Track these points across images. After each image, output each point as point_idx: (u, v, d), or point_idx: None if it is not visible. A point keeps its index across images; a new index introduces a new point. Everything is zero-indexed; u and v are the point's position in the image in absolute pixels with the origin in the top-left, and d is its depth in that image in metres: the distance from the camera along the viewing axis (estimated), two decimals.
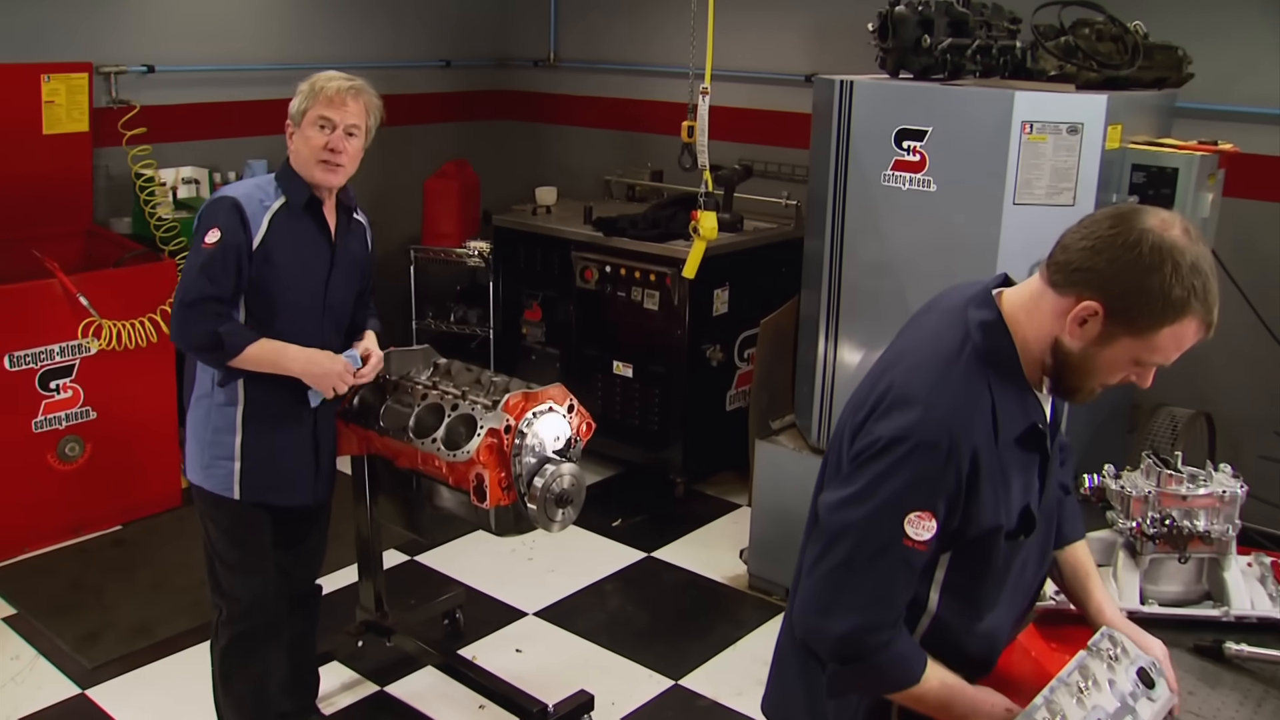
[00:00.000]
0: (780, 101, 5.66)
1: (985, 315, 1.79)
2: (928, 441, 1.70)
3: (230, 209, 2.85)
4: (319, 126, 2.89)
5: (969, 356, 1.76)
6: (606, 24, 6.40)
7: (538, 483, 3.00)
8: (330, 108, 2.88)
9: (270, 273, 2.88)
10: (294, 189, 2.93)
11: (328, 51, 5.89)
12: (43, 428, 4.51)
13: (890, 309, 3.82)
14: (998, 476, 1.75)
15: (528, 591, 4.37)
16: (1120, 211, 1.70)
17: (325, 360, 2.95)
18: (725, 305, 5.10)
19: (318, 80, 2.92)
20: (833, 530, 1.78)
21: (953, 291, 1.92)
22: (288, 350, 2.90)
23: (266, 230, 2.87)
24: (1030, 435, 1.80)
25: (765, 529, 4.36)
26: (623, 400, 5.29)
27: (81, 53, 4.90)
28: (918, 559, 1.75)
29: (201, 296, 2.82)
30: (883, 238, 3.82)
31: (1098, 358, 1.72)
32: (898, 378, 1.78)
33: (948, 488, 1.71)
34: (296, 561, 3.25)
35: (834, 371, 4.06)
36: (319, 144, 2.88)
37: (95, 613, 4.16)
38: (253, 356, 2.85)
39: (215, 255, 2.82)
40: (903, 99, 3.71)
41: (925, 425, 1.70)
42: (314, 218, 2.97)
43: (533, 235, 5.54)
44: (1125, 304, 1.65)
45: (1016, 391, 1.78)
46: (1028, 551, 1.89)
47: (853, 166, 3.84)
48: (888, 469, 1.72)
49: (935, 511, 1.72)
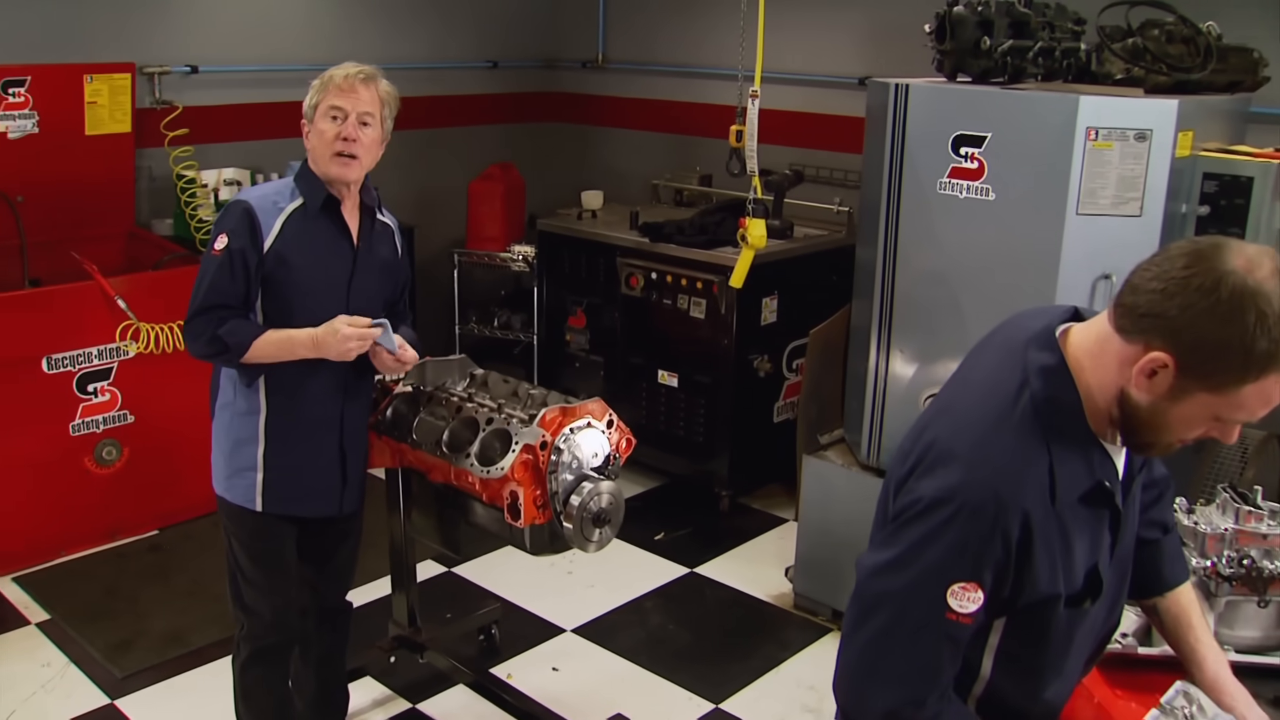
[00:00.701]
0: (832, 105, 5.52)
1: (1047, 359, 1.60)
2: (972, 505, 1.53)
3: (240, 214, 2.76)
4: (331, 117, 2.79)
5: (1025, 408, 1.58)
6: (656, 25, 6.29)
7: (574, 501, 2.89)
8: (341, 96, 2.78)
9: (285, 276, 2.78)
10: (310, 189, 2.83)
11: (373, 52, 5.79)
12: (80, 431, 4.47)
13: (945, 321, 3.69)
14: (1055, 541, 1.58)
15: (566, 607, 4.26)
16: (1199, 248, 1.47)
17: (325, 331, 2.76)
18: (774, 314, 4.96)
19: (326, 74, 2.83)
20: (870, 598, 1.63)
21: (1016, 323, 1.74)
22: (295, 335, 2.78)
23: (279, 233, 2.77)
24: (1096, 494, 1.62)
25: (812, 547, 4.22)
26: (667, 410, 5.17)
27: (125, 53, 4.87)
28: (962, 632, 1.59)
29: (206, 306, 2.75)
30: (938, 247, 3.67)
31: (1170, 413, 1.53)
32: (943, 430, 1.62)
33: (995, 556, 1.55)
34: (325, 577, 3.16)
35: (885, 385, 3.92)
36: (331, 135, 2.78)
37: (128, 620, 4.11)
38: (262, 350, 2.76)
39: (222, 263, 2.74)
40: (961, 103, 3.56)
41: (969, 487, 1.54)
42: (332, 219, 2.87)
43: (578, 240, 5.44)
44: (1199, 357, 1.45)
45: (1080, 447, 1.60)
46: (1096, 612, 1.72)
47: (908, 173, 3.70)
48: (928, 534, 1.56)
49: (981, 582, 1.55)
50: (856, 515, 3.99)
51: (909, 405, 3.82)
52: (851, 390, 4.14)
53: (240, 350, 2.73)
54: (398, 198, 5.79)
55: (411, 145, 5.99)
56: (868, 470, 4.01)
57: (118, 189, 4.98)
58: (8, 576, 4.38)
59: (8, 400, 4.26)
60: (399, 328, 3.09)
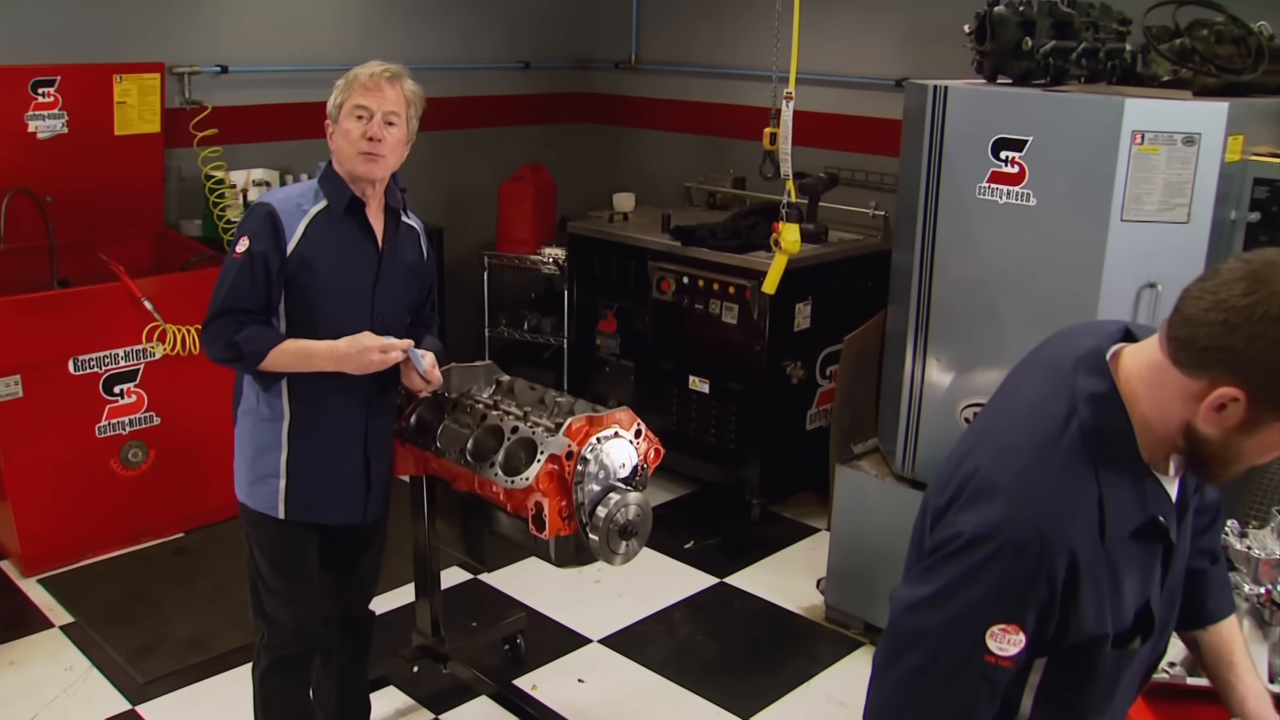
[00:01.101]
0: (869, 107, 5.43)
1: (1097, 386, 1.50)
2: (1015, 544, 1.44)
3: (263, 216, 2.71)
4: (356, 117, 2.73)
5: (1073, 438, 1.48)
6: (690, 25, 6.21)
7: (600, 512, 2.82)
8: (366, 95, 2.73)
9: (309, 280, 2.73)
10: (335, 191, 2.78)
11: (404, 51, 5.71)
12: (106, 433, 4.45)
13: (983, 329, 3.59)
14: (1104, 580, 1.49)
15: (593, 616, 4.19)
16: (1255, 270, 1.36)
17: (346, 345, 2.71)
18: (807, 320, 4.87)
19: (350, 73, 2.78)
20: (905, 635, 1.54)
21: (1062, 340, 1.64)
22: (313, 347, 2.72)
23: (302, 235, 2.72)
24: (1149, 529, 1.52)
25: (844, 559, 4.13)
26: (698, 416, 5.09)
27: (154, 53, 4.84)
28: (1001, 675, 1.49)
29: (224, 309, 2.70)
30: (977, 253, 3.58)
31: (1243, 445, 1.43)
32: (985, 459, 1.52)
33: (1039, 597, 1.45)
34: (348, 585, 3.11)
35: (921, 394, 3.82)
36: (357, 134, 2.72)
37: (151, 624, 4.08)
38: (279, 359, 2.70)
39: (242, 266, 2.69)
40: (1001, 106, 3.46)
41: (1013, 524, 1.44)
42: (357, 221, 2.81)
43: (608, 243, 5.37)
44: (1273, 388, 1.36)
45: (1132, 479, 1.50)
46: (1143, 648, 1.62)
47: (946, 177, 3.60)
48: (968, 572, 1.46)
49: (1023, 624, 1.46)
50: (890, 527, 3.92)
51: (945, 415, 3.73)
52: (886, 399, 4.05)
53: (256, 358, 2.68)
54: (428, 199, 5.76)
55: (442, 146, 5.96)
56: (902, 481, 3.92)
57: (146, 189, 4.95)
58: (33, 578, 4.36)
59: (35, 401, 4.24)
60: (425, 335, 3.04)
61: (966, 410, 3.68)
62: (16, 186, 4.48)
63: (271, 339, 2.70)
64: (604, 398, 5.46)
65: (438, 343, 3.06)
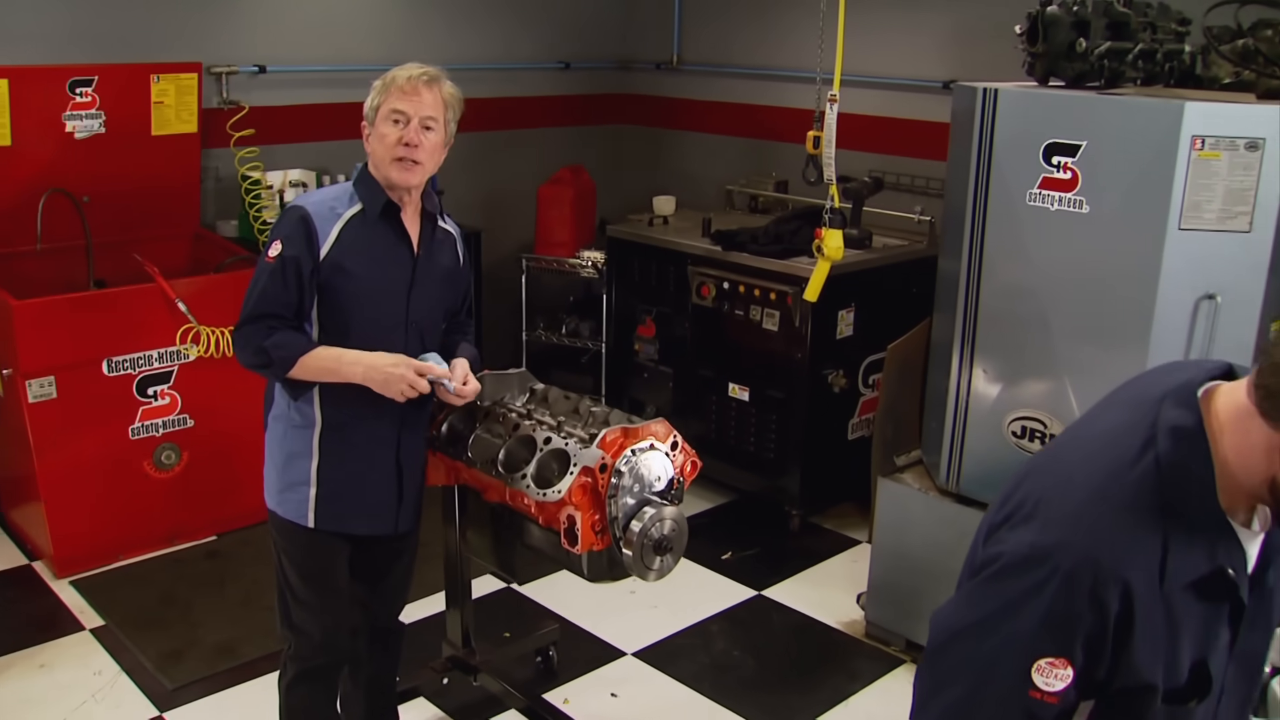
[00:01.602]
0: (915, 109, 5.31)
1: (1182, 419, 1.39)
2: (1067, 570, 1.34)
3: (296, 220, 2.65)
4: (393, 121, 2.66)
5: (1146, 470, 1.38)
6: (733, 26, 6.12)
7: (635, 527, 2.73)
8: (403, 99, 2.65)
9: (343, 285, 2.66)
10: (370, 195, 2.71)
11: (443, 52, 5.73)
12: (139, 435, 4.42)
13: (1032, 339, 3.48)
14: (1159, 626, 1.38)
15: (628, 628, 4.11)
16: None
17: (387, 364, 2.66)
18: (850, 327, 4.76)
19: (389, 74, 2.70)
20: (947, 665, 1.45)
21: (1156, 374, 1.54)
22: (345, 356, 2.66)
23: (336, 240, 2.66)
24: (1214, 582, 1.40)
25: (885, 573, 4.02)
26: (738, 425, 4.99)
27: (192, 53, 4.82)
28: (1047, 712, 1.40)
29: (255, 314, 2.64)
30: (1026, 261, 3.47)
31: None
32: (1047, 481, 1.43)
33: (1089, 630, 1.36)
34: (377, 596, 3.04)
35: (967, 405, 3.71)
36: (393, 140, 2.65)
37: (181, 629, 4.04)
38: (310, 366, 2.64)
39: (275, 270, 2.63)
40: (1053, 109, 3.35)
41: (1066, 549, 1.35)
42: (392, 226, 2.74)
43: (648, 247, 5.28)
44: None
45: (1204, 525, 1.39)
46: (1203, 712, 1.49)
47: (995, 183, 3.49)
48: (1016, 598, 1.38)
49: (1071, 658, 1.36)
50: (933, 541, 3.82)
51: (991, 428, 3.62)
52: (931, 409, 3.94)
53: (285, 365, 2.62)
54: (465, 200, 5.72)
55: (481, 147, 5.90)
56: (946, 495, 3.80)
57: (183, 190, 4.93)
58: (66, 579, 4.34)
59: (69, 402, 4.22)
60: (460, 342, 2.97)
61: (1014, 423, 3.56)
62: (54, 186, 4.47)
63: (302, 345, 2.64)
64: (642, 404, 5.38)
65: (473, 350, 2.99)
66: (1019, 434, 3.56)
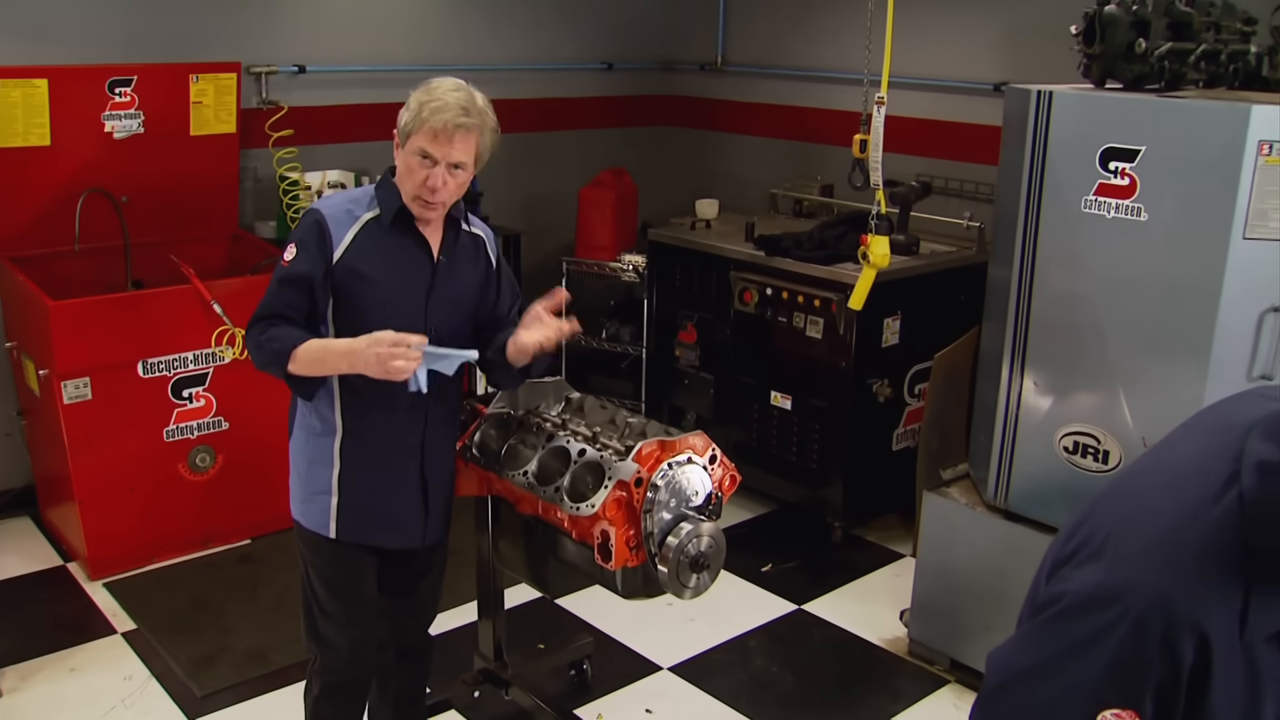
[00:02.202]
0: (964, 112, 5.18)
1: (1270, 454, 1.26)
2: (1138, 613, 1.23)
3: (312, 224, 2.58)
4: (420, 156, 2.52)
5: (1229, 507, 1.25)
6: (778, 26, 6.01)
7: (671, 543, 2.65)
8: (434, 144, 2.49)
9: (358, 289, 2.58)
10: (387, 199, 2.63)
11: (484, 52, 5.68)
12: (174, 437, 4.39)
13: (1085, 350, 3.36)
14: (1239, 682, 1.25)
15: (664, 642, 4.01)
16: None
17: (362, 344, 2.45)
18: (896, 336, 4.64)
19: (428, 101, 2.51)
20: (1004, 707, 1.35)
21: (1242, 399, 1.42)
22: (331, 346, 2.54)
23: (350, 244, 2.58)
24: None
25: (930, 591, 3.90)
26: (779, 434, 4.89)
27: (231, 53, 4.79)
28: None
29: (262, 314, 2.59)
30: (1080, 270, 3.34)
31: None
32: (1119, 514, 1.31)
33: (1160, 680, 1.24)
34: (405, 610, 2.97)
35: (1017, 418, 3.59)
36: (419, 179, 2.53)
37: (213, 634, 4.00)
38: (303, 359, 2.53)
39: (286, 275, 2.57)
40: (1111, 113, 3.22)
41: (1137, 590, 1.23)
42: (409, 231, 2.65)
43: (690, 251, 5.19)
44: None
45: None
46: None
47: (1048, 188, 3.37)
48: (1081, 641, 1.26)
49: (1140, 710, 1.24)
50: (979, 559, 3.70)
51: (1042, 442, 3.50)
52: (979, 422, 3.82)
53: (280, 358, 2.53)
54: (506, 202, 5.66)
55: (522, 149, 5.84)
56: (994, 511, 3.68)
57: (222, 190, 4.90)
58: (100, 581, 4.32)
59: (104, 404, 4.19)
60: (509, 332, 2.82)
61: (1065, 438, 3.44)
62: (92, 186, 4.47)
63: (294, 338, 2.53)
64: (682, 411, 5.29)
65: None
66: (1071, 449, 3.43)
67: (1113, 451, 3.32)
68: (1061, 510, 3.47)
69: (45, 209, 4.45)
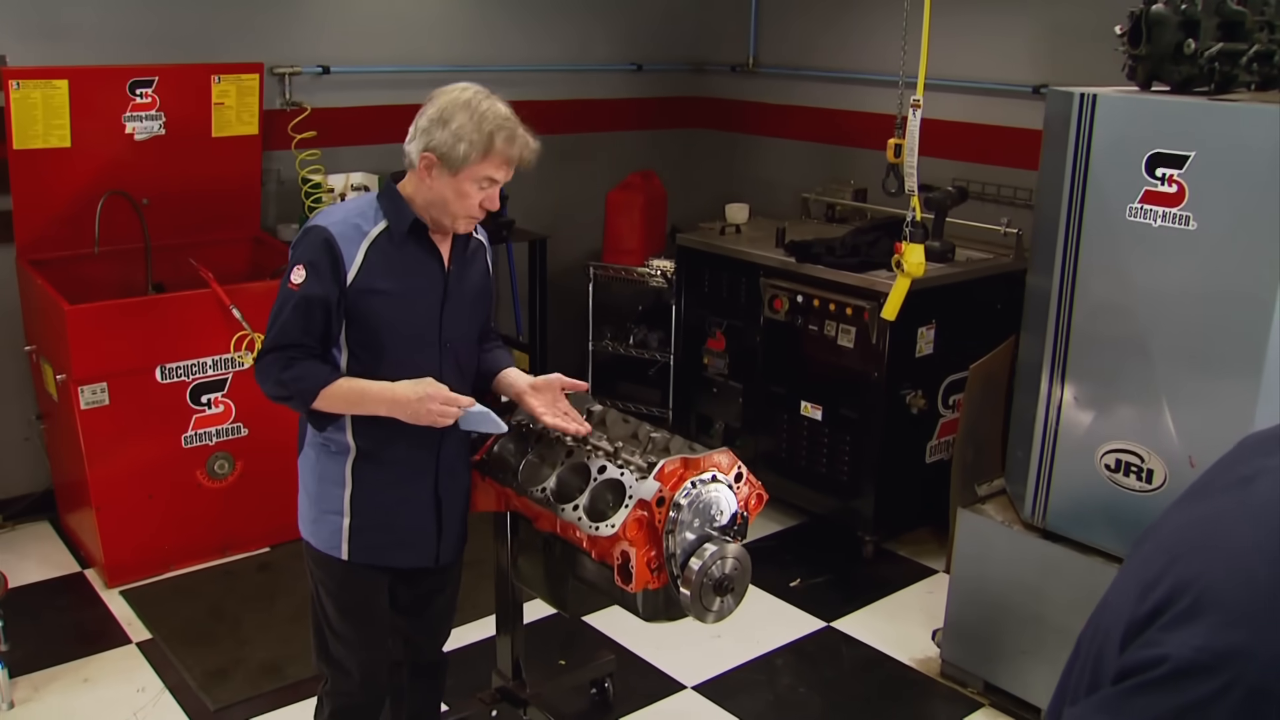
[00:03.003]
0: (1002, 115, 5.04)
1: None
2: (1251, 682, 1.06)
3: (320, 244, 2.47)
4: (480, 185, 2.45)
5: None
6: (812, 27, 5.89)
7: (694, 565, 2.53)
8: (503, 170, 2.46)
9: (373, 308, 2.49)
10: (396, 212, 2.53)
11: (512, 52, 5.58)
12: (192, 443, 4.32)
13: (1129, 364, 3.23)
14: None
15: (688, 659, 3.90)
16: None
17: (411, 395, 2.43)
18: (930, 345, 4.51)
19: (488, 125, 2.41)
20: None
21: None
22: (369, 391, 2.47)
23: (363, 261, 2.48)
24: None
25: (964, 611, 3.77)
26: (809, 444, 4.77)
27: (254, 53, 4.71)
28: None
29: (275, 344, 2.49)
30: (1125, 280, 3.21)
31: None
32: (1209, 567, 1.14)
33: None
34: (418, 630, 2.89)
35: (1056, 433, 3.45)
36: (475, 202, 2.46)
37: (229, 645, 3.93)
38: (333, 397, 2.47)
39: (298, 302, 2.46)
40: (1158, 117, 3.09)
41: (1249, 656, 1.06)
42: (420, 243, 2.56)
43: (719, 257, 5.07)
44: None
45: None
46: None
47: (1091, 195, 3.24)
48: (1181, 712, 1.09)
49: None
50: (1016, 579, 3.57)
51: (1083, 459, 3.36)
52: (1016, 436, 3.68)
53: (306, 397, 2.46)
54: (532, 206, 5.56)
55: (549, 151, 5.59)
56: (1031, 530, 3.55)
57: (244, 193, 4.83)
58: (116, 589, 4.26)
59: (121, 409, 4.13)
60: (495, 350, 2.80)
61: (1107, 455, 3.30)
62: (113, 188, 4.40)
63: (323, 377, 2.46)
64: (710, 420, 5.19)
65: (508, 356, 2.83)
66: (1112, 467, 3.29)
67: (1157, 471, 3.19)
68: (1102, 531, 3.34)
69: (65, 211, 4.38)
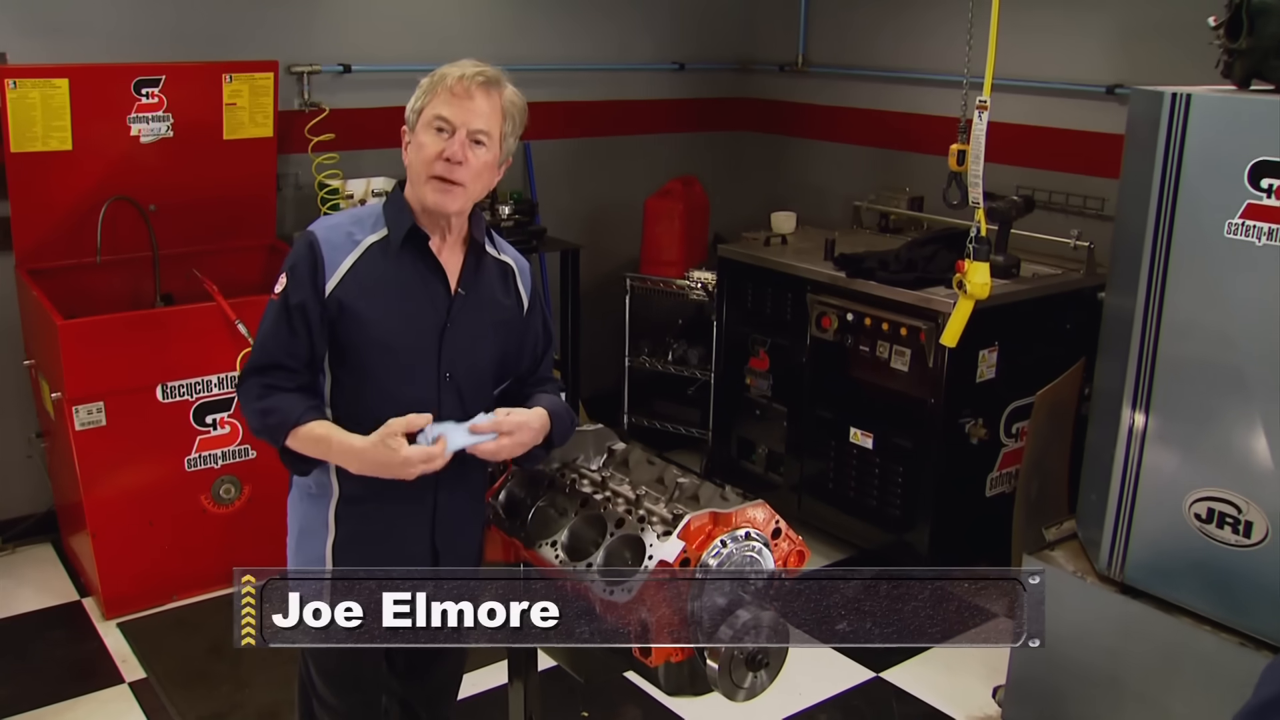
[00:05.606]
0: (1071, 118, 4.68)
1: None
2: None
3: (304, 249, 2.20)
4: (435, 129, 2.18)
5: None
6: (866, 23, 5.56)
7: (724, 634, 2.20)
8: (451, 104, 2.17)
9: (354, 328, 2.20)
10: (396, 218, 2.24)
11: (544, 51, 5.29)
12: (196, 466, 4.09)
13: (1226, 398, 2.89)
14: None
15: (721, 713, 3.52)
16: None
17: (378, 453, 2.13)
18: (992, 369, 4.15)
19: (440, 69, 2.22)
20: None
21: None
22: (332, 439, 2.17)
23: (348, 271, 2.19)
24: None
25: (1028, 667, 3.41)
26: (859, 474, 4.42)
27: (271, 51, 4.48)
28: None
29: (254, 366, 2.22)
30: (1221, 303, 2.87)
31: None
32: None
33: None
34: (418, 697, 2.58)
35: (1138, 475, 3.09)
36: (433, 152, 2.17)
37: (227, 688, 3.66)
38: (304, 437, 2.18)
39: (278, 314, 2.20)
40: (1263, 120, 2.75)
41: None
42: (421, 256, 2.26)
43: (763, 270, 4.75)
44: None
45: None
46: None
47: (1183, 207, 2.89)
48: None
49: None
50: (1088, 637, 3.21)
51: (1169, 507, 3.00)
52: (1091, 476, 3.32)
53: (277, 433, 2.17)
54: (567, 213, 5.29)
55: (584, 155, 5.45)
56: (1107, 583, 3.18)
57: (258, 198, 4.58)
58: (114, 621, 4.03)
59: (119, 431, 3.90)
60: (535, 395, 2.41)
61: (1198, 503, 2.93)
62: (117, 194, 4.17)
63: (294, 415, 2.16)
64: (752, 444, 4.87)
65: (556, 400, 2.41)
66: (1204, 517, 2.93)
67: (1257, 524, 2.82)
68: (1190, 588, 2.97)
69: (66, 218, 4.16)
